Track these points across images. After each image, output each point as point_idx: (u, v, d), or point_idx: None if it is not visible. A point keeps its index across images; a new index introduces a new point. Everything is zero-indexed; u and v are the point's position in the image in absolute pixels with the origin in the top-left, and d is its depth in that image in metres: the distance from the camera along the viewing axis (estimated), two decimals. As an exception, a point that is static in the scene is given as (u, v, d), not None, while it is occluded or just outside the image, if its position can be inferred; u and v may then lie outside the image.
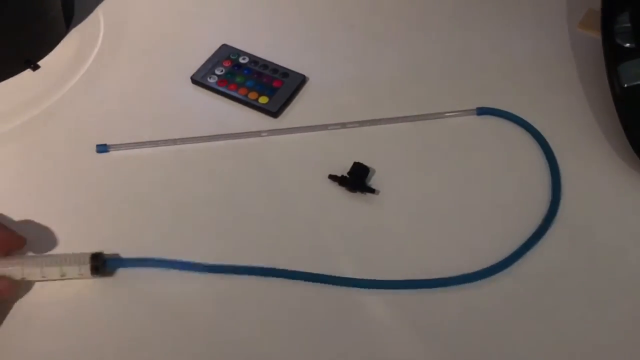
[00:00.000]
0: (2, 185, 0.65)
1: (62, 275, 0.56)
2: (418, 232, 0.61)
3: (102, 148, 0.67)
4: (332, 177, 0.65)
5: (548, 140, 0.68)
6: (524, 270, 0.59)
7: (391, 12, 0.81)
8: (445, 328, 0.55)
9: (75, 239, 0.61)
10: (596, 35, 0.76)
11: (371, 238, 0.61)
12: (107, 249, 0.59)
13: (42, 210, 0.63)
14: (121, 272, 0.58)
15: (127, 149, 0.68)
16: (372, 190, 0.64)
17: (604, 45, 0.70)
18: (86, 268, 0.56)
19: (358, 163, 0.65)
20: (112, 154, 0.67)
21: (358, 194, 0.64)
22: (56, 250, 0.60)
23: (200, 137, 0.68)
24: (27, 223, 0.61)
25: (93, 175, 0.66)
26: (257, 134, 0.69)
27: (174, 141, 0.68)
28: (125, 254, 0.59)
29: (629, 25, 0.70)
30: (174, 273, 0.58)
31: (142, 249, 0.60)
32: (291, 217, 0.63)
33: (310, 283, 0.58)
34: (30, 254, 0.59)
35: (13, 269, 0.55)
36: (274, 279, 0.58)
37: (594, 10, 0.79)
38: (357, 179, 0.64)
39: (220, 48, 0.77)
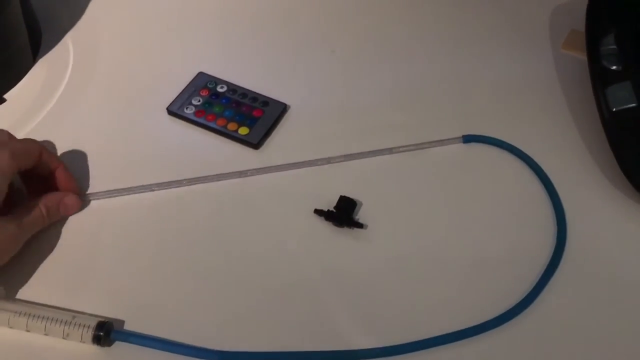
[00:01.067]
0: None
1: (66, 336, 0.53)
2: (411, 274, 0.58)
3: None
4: (318, 212, 0.62)
5: (541, 165, 0.66)
6: (541, 310, 0.56)
7: (373, 36, 0.79)
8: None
9: (61, 295, 0.57)
10: (581, 56, 0.75)
11: (361, 281, 0.58)
12: (92, 310, 0.56)
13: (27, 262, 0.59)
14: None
15: (100, 199, 0.63)
16: (360, 225, 0.61)
17: (590, 69, 0.69)
18: (88, 336, 0.53)
19: (344, 197, 0.62)
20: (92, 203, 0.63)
21: (345, 229, 0.61)
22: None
23: (179, 180, 0.65)
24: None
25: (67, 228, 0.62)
26: (240, 174, 0.65)
27: (150, 187, 0.64)
28: (107, 313, 0.56)
29: (614, 47, 0.69)
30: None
31: (129, 311, 0.56)
32: (276, 258, 0.60)
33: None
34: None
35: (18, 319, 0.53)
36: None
37: (577, 31, 0.78)
38: (343, 214, 0.61)
39: (196, 76, 0.74)
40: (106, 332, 0.53)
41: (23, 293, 0.57)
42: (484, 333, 0.54)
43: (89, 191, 0.64)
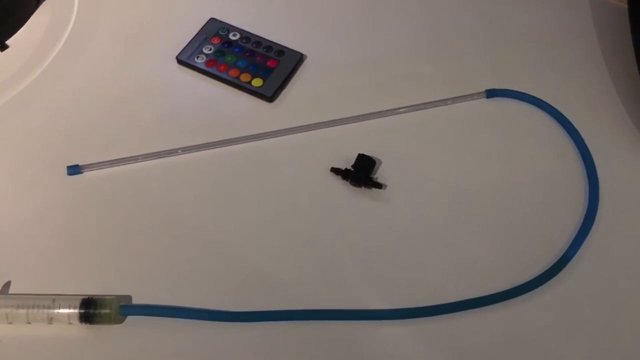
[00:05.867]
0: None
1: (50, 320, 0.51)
2: (433, 237, 0.56)
3: (74, 169, 0.59)
4: (335, 171, 0.59)
5: (572, 121, 0.62)
6: (573, 276, 0.53)
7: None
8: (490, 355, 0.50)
9: (50, 275, 0.54)
10: (620, 2, 0.70)
11: (379, 243, 0.56)
12: (93, 289, 0.53)
13: (14, 247, 0.56)
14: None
15: (102, 168, 0.60)
16: (379, 185, 0.58)
17: (631, 16, 0.64)
18: (75, 316, 0.50)
19: (363, 155, 0.59)
20: (85, 175, 0.60)
21: (363, 189, 0.58)
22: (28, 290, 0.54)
23: (188, 147, 0.61)
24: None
25: (66, 200, 0.58)
26: (253, 138, 0.62)
27: (157, 154, 0.60)
28: (112, 291, 0.53)
29: (659, -7, 0.63)
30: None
31: (133, 287, 0.53)
32: (290, 221, 0.57)
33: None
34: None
35: None
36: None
37: (618, -25, 0.72)
38: (361, 173, 0.58)
39: (207, 23, 0.69)
40: (114, 309, 0.50)
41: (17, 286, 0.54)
42: (512, 299, 0.52)
43: (83, 162, 0.60)
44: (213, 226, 0.57)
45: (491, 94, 0.64)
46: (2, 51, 0.68)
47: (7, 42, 0.68)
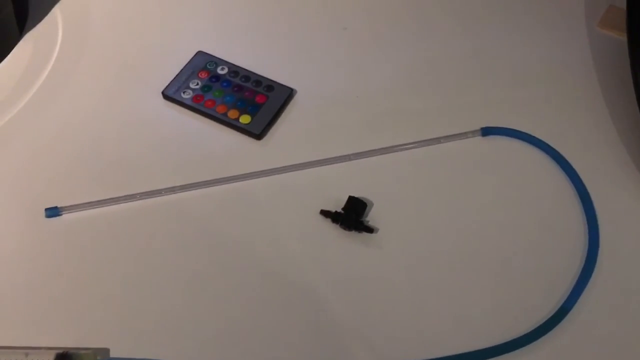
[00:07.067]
0: None
1: None
2: (426, 285, 0.53)
3: (53, 212, 0.57)
4: (324, 213, 0.57)
5: (570, 161, 0.60)
6: (576, 325, 0.51)
7: (387, 13, 0.72)
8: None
9: (24, 324, 0.52)
10: (620, 36, 0.68)
11: (370, 291, 0.53)
12: (69, 340, 0.50)
13: None
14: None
15: (82, 210, 0.57)
16: (370, 230, 0.56)
17: (630, 51, 0.62)
18: None
19: (353, 197, 0.57)
20: (64, 217, 0.57)
21: (353, 233, 0.56)
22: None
23: (172, 187, 0.58)
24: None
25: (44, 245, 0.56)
26: (240, 178, 0.59)
27: (140, 195, 0.58)
28: (89, 343, 0.51)
29: (659, 27, 0.61)
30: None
31: (112, 338, 0.51)
32: (277, 266, 0.55)
33: None
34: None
35: None
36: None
37: (616, 8, 0.71)
38: (352, 216, 0.56)
39: (195, 56, 0.67)
40: None
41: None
42: (508, 353, 0.50)
43: (62, 204, 0.57)
44: (196, 273, 0.54)
45: (487, 132, 0.62)
46: (-18, 84, 0.66)
47: (-12, 75, 0.66)
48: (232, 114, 0.63)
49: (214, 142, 0.62)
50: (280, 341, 0.51)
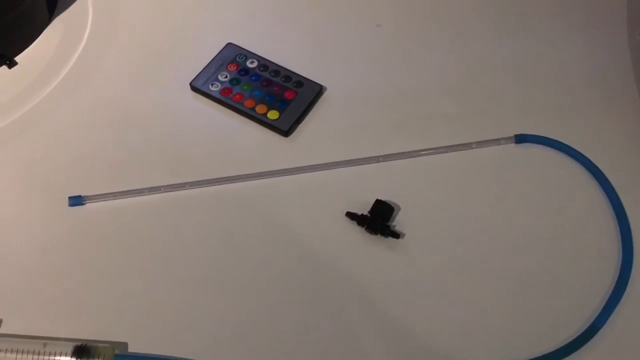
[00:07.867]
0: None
1: None
2: (452, 294, 0.52)
3: (76, 200, 0.56)
4: (350, 215, 0.56)
5: (606, 173, 0.58)
6: (608, 342, 0.49)
7: (423, 12, 0.70)
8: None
9: (44, 314, 0.51)
10: (661, 46, 0.66)
11: (393, 298, 0.52)
12: (88, 332, 0.50)
13: (8, 282, 0.53)
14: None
15: (105, 200, 0.56)
16: (397, 235, 0.54)
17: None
18: None
19: (380, 201, 0.56)
20: (87, 207, 0.56)
21: (379, 237, 0.55)
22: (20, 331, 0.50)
23: (197, 181, 0.58)
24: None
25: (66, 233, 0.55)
26: (265, 175, 0.58)
27: (164, 188, 0.57)
28: (107, 336, 0.50)
29: None
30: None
31: (131, 332, 0.50)
32: (299, 267, 0.54)
33: None
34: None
35: None
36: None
37: (660, 16, 0.68)
38: (378, 220, 0.55)
39: (225, 47, 0.66)
40: (108, 358, 0.47)
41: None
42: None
43: (85, 193, 0.57)
44: (216, 270, 0.54)
45: (520, 139, 0.60)
46: (10, 68, 0.65)
47: (17, 58, 0.66)
48: (260, 108, 0.62)
49: (241, 137, 0.61)
50: (300, 342, 0.50)
